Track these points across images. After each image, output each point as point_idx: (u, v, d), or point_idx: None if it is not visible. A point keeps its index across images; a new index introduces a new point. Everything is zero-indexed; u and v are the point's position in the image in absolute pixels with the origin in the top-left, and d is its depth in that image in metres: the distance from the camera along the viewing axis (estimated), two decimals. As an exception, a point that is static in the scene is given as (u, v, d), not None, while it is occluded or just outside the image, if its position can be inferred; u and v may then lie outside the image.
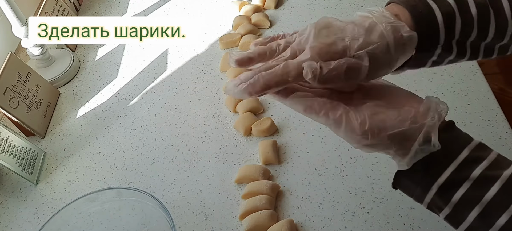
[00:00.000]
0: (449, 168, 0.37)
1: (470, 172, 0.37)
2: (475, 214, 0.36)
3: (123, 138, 0.77)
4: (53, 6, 0.95)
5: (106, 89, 0.87)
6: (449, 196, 0.37)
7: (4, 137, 0.70)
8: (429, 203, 0.39)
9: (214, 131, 0.75)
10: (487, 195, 0.36)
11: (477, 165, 0.37)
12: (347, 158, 0.67)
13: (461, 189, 0.37)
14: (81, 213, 0.59)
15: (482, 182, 0.36)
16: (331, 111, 0.39)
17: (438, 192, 0.38)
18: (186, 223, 0.63)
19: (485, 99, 0.71)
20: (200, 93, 0.83)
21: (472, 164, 0.37)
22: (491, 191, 0.36)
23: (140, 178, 0.70)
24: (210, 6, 1.03)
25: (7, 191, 0.72)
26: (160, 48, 0.94)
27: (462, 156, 0.37)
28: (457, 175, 0.37)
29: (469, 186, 0.36)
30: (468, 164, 0.37)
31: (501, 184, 0.36)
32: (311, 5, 0.97)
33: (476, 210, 0.36)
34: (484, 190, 0.36)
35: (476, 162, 0.37)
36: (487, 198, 0.36)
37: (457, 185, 0.37)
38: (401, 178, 0.41)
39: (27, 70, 0.81)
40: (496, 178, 0.36)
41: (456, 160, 0.37)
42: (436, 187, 0.38)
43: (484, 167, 0.37)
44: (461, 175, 0.37)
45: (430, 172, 0.38)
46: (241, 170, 0.66)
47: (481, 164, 0.37)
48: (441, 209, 0.38)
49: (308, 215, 0.61)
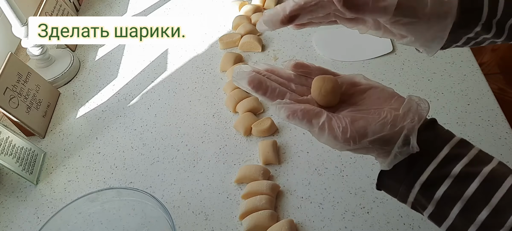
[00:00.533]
0: (430, 166, 0.38)
1: (450, 168, 0.37)
2: (457, 210, 0.37)
3: (123, 138, 0.77)
4: (53, 6, 0.95)
5: (106, 89, 0.88)
6: (432, 193, 0.38)
7: (4, 137, 0.70)
8: (413, 202, 0.40)
9: (214, 131, 0.75)
10: (468, 191, 0.36)
11: (457, 161, 0.37)
12: (347, 158, 0.67)
13: (442, 186, 0.37)
14: (81, 213, 0.59)
15: (463, 178, 0.37)
16: (314, 119, 0.39)
17: (421, 190, 0.38)
18: (186, 223, 0.63)
19: (485, 99, 0.71)
20: (200, 93, 0.83)
21: (452, 161, 0.37)
22: (472, 187, 0.36)
23: (140, 178, 0.70)
24: (210, 6, 1.03)
25: (7, 191, 0.72)
26: (160, 48, 0.95)
27: (443, 153, 0.38)
28: (439, 172, 0.37)
29: (450, 183, 0.37)
30: (449, 161, 0.38)
31: (481, 179, 0.36)
32: (311, 5, 0.97)
33: (458, 206, 0.37)
34: (465, 186, 0.36)
35: (457, 159, 0.37)
36: (468, 194, 0.36)
37: (439, 182, 0.37)
38: (384, 179, 0.41)
39: (27, 70, 0.81)
40: (476, 174, 0.36)
41: (437, 157, 0.38)
42: (418, 185, 0.38)
43: (464, 163, 0.37)
44: (442, 172, 0.37)
45: (412, 170, 0.39)
46: (241, 170, 0.66)
47: (462, 160, 0.37)
48: (425, 207, 0.39)
49: (308, 215, 0.61)
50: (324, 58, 0.84)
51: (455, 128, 0.68)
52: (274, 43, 0.90)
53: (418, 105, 0.39)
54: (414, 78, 0.77)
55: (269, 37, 0.91)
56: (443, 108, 0.71)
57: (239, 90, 0.78)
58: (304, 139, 0.71)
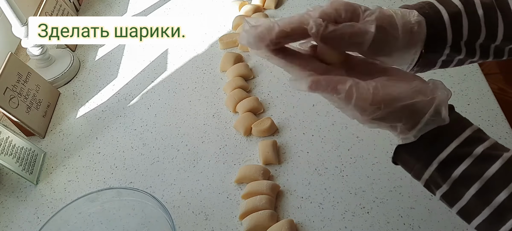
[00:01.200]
0: (452, 144, 0.38)
1: (472, 148, 0.37)
2: (474, 191, 0.37)
3: (123, 138, 0.77)
4: (53, 6, 0.95)
5: (106, 89, 0.87)
6: (450, 172, 0.38)
7: (4, 137, 0.70)
8: (428, 180, 0.39)
9: (214, 131, 0.75)
10: (488, 172, 0.36)
11: (480, 143, 0.37)
12: (347, 158, 0.67)
13: (462, 165, 0.37)
14: (81, 213, 0.59)
15: (484, 159, 0.37)
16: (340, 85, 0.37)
17: (438, 167, 0.38)
18: (186, 223, 0.63)
19: (485, 99, 0.71)
20: (200, 93, 0.83)
21: (474, 142, 0.37)
22: (493, 168, 0.36)
23: (140, 178, 0.70)
24: (210, 6, 1.03)
25: (7, 191, 0.72)
26: (160, 48, 0.95)
27: (466, 134, 0.38)
28: (460, 150, 0.37)
29: (471, 162, 0.37)
30: (471, 141, 0.38)
31: (503, 162, 0.36)
32: (311, 5, 0.97)
33: (475, 186, 0.36)
34: (486, 167, 0.36)
35: (479, 141, 0.38)
36: (488, 175, 0.36)
37: (458, 161, 0.37)
38: (402, 153, 0.41)
39: (27, 70, 0.81)
40: (498, 157, 0.36)
41: (460, 136, 0.38)
42: (437, 163, 0.38)
43: (486, 146, 0.37)
44: (463, 151, 0.37)
45: (433, 147, 0.38)
46: (241, 170, 0.66)
47: (484, 143, 0.37)
48: (439, 186, 0.39)
49: (308, 215, 0.61)
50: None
51: (455, 128, 0.68)
52: (274, 43, 0.90)
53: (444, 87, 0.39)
54: (414, 78, 0.77)
55: (269, 37, 0.91)
56: (443, 108, 0.71)
57: (239, 91, 0.78)
58: (304, 139, 0.71)
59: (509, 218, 0.35)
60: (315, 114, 0.74)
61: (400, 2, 0.92)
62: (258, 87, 0.81)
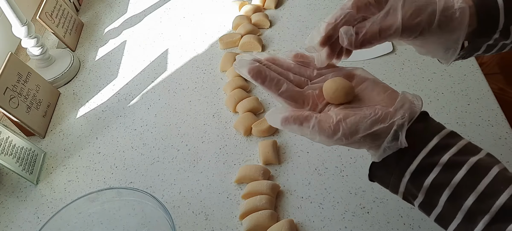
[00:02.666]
0: (419, 155, 0.39)
1: (439, 157, 0.38)
2: (445, 197, 0.38)
3: (123, 138, 0.77)
4: (53, 6, 0.95)
5: (106, 89, 0.88)
6: (421, 181, 0.39)
7: (4, 137, 0.70)
8: (404, 193, 0.41)
9: (214, 131, 0.75)
10: (455, 178, 0.37)
11: (446, 151, 0.38)
12: (347, 158, 0.67)
13: (431, 174, 0.38)
14: (81, 213, 0.59)
15: (451, 167, 0.38)
16: (305, 122, 0.41)
17: (411, 178, 0.39)
18: (186, 223, 0.63)
19: (485, 99, 0.71)
20: (200, 93, 0.83)
21: (441, 151, 0.39)
22: (459, 175, 0.37)
23: (140, 178, 0.70)
24: (210, 6, 1.03)
25: (7, 191, 0.72)
26: (160, 48, 0.95)
27: (432, 143, 0.39)
28: (427, 160, 0.39)
29: (439, 171, 0.38)
30: (438, 150, 0.39)
31: (468, 167, 0.37)
32: (311, 5, 0.97)
33: (445, 193, 0.38)
34: (452, 174, 0.37)
35: (445, 149, 0.39)
36: (456, 181, 0.37)
37: (428, 170, 0.39)
38: (375, 170, 0.43)
39: (27, 70, 0.81)
40: (463, 163, 0.38)
41: (426, 147, 0.39)
42: (408, 174, 0.39)
43: (452, 153, 0.38)
44: (431, 161, 0.39)
45: (402, 160, 0.40)
46: (241, 170, 0.66)
47: (450, 150, 0.38)
48: (415, 196, 0.40)
49: (308, 215, 0.61)
50: (324, 58, 0.84)
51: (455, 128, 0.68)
52: (274, 43, 0.90)
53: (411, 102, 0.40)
54: (414, 78, 0.77)
55: (269, 38, 0.91)
56: (443, 108, 0.71)
57: (239, 90, 0.78)
58: (304, 139, 0.70)
59: (479, 221, 0.36)
60: (315, 115, 0.74)
61: None
62: (258, 87, 0.81)
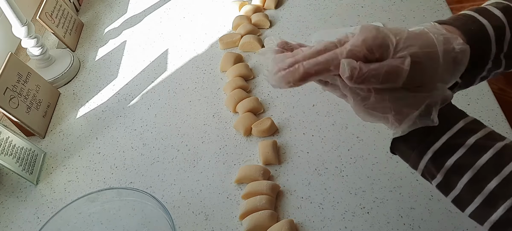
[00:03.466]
0: (445, 135, 0.38)
1: (465, 139, 0.38)
2: (466, 179, 0.37)
3: (123, 138, 0.77)
4: (53, 6, 0.95)
5: (106, 89, 0.88)
6: (443, 161, 0.38)
7: (4, 137, 0.70)
8: (423, 170, 0.40)
9: (214, 131, 0.75)
10: (480, 161, 0.37)
11: (472, 134, 0.38)
12: (347, 158, 0.67)
13: (455, 155, 0.38)
14: (81, 213, 0.59)
15: (476, 149, 0.37)
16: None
17: (432, 157, 0.39)
18: (186, 223, 0.63)
19: (485, 99, 0.71)
20: (200, 93, 0.83)
21: (467, 133, 0.38)
22: (484, 158, 0.37)
23: (140, 178, 0.70)
24: (210, 6, 1.03)
25: (7, 191, 0.72)
26: (160, 48, 0.95)
27: (459, 126, 0.39)
28: (453, 141, 0.38)
29: (463, 153, 0.38)
30: (464, 133, 0.38)
31: (494, 151, 0.37)
32: (311, 5, 0.97)
33: (467, 175, 0.37)
34: (477, 157, 0.37)
35: (472, 132, 0.38)
36: (480, 164, 0.37)
37: (451, 151, 0.38)
38: (397, 143, 0.42)
39: (27, 70, 0.81)
40: (489, 147, 0.37)
41: (453, 128, 0.38)
42: (431, 152, 0.39)
43: (478, 137, 0.38)
44: (456, 142, 0.38)
45: (427, 137, 0.39)
46: (241, 170, 0.66)
47: (476, 134, 0.38)
48: (434, 176, 0.39)
49: (308, 215, 0.61)
50: (324, 58, 0.84)
51: (455, 128, 0.68)
52: (274, 43, 0.90)
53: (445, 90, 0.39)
54: (414, 78, 0.77)
55: (269, 37, 0.91)
56: (443, 108, 0.71)
57: (239, 91, 0.78)
58: (304, 139, 0.71)
59: (500, 205, 0.36)
60: (315, 115, 0.74)
61: (399, 2, 0.92)
62: (258, 87, 0.81)
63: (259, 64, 0.86)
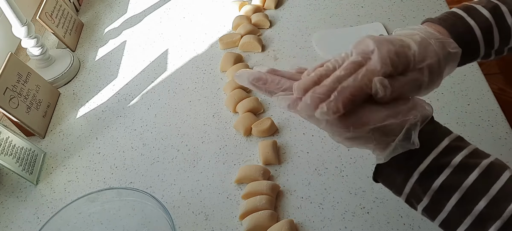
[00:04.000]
0: (430, 155, 0.38)
1: (451, 158, 0.37)
2: (454, 201, 0.37)
3: (123, 138, 0.77)
4: (53, 6, 0.95)
5: (106, 89, 0.88)
6: (429, 183, 0.38)
7: (4, 137, 0.70)
8: (408, 194, 0.40)
9: (214, 131, 0.75)
10: (467, 181, 0.36)
11: (457, 152, 0.38)
12: (347, 158, 0.67)
13: (441, 175, 0.37)
14: (81, 213, 0.59)
15: (462, 168, 0.37)
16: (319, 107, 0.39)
17: (418, 179, 0.38)
18: (186, 223, 0.63)
19: (485, 99, 0.71)
20: (200, 93, 0.83)
21: (452, 152, 0.38)
22: (471, 177, 0.36)
23: (140, 178, 0.70)
24: (210, 6, 1.03)
25: (7, 191, 0.72)
26: (160, 48, 0.95)
27: (443, 144, 0.38)
28: (438, 161, 0.38)
29: (450, 173, 0.37)
30: (449, 151, 0.38)
31: (481, 170, 0.36)
32: (311, 5, 0.97)
33: (455, 196, 0.37)
34: (464, 176, 0.37)
35: (457, 150, 0.38)
36: (467, 184, 0.36)
37: (438, 172, 0.38)
38: (383, 168, 0.41)
39: (27, 70, 0.81)
40: (476, 165, 0.37)
41: (437, 148, 0.38)
42: (417, 174, 0.38)
43: (464, 155, 0.37)
44: (442, 162, 0.38)
45: (412, 159, 0.39)
46: (241, 170, 0.66)
47: (462, 152, 0.38)
48: (420, 199, 0.39)
49: (308, 215, 0.61)
50: (324, 58, 0.84)
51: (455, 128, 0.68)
52: (274, 43, 0.90)
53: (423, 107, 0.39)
54: (414, 78, 0.77)
55: (269, 38, 0.91)
56: (443, 108, 0.71)
57: (239, 91, 0.78)
58: (304, 139, 0.71)
59: (490, 226, 0.35)
60: (315, 115, 0.74)
61: (399, 2, 0.92)
62: (258, 87, 0.81)
63: (259, 64, 0.86)
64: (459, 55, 0.41)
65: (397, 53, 0.38)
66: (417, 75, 0.38)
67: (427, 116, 0.39)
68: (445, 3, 0.91)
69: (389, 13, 0.91)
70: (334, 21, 0.92)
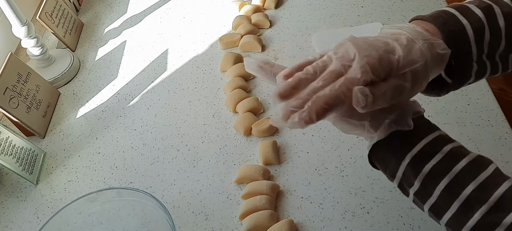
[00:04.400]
0: (422, 141, 0.39)
1: (441, 146, 0.39)
2: (443, 185, 0.38)
3: (123, 138, 0.77)
4: (53, 6, 0.95)
5: (106, 89, 0.88)
6: (420, 167, 0.39)
7: (4, 137, 0.70)
8: (401, 178, 0.41)
9: (214, 131, 0.75)
10: (456, 167, 0.37)
11: (448, 143, 0.39)
12: (347, 158, 0.67)
13: (432, 160, 0.38)
14: (81, 213, 0.59)
15: (453, 156, 0.38)
16: None
17: (410, 162, 0.39)
18: (186, 223, 0.63)
19: (485, 99, 0.71)
20: (200, 93, 0.83)
21: (443, 142, 0.39)
22: (461, 164, 0.37)
23: (140, 178, 0.70)
24: (210, 6, 1.03)
25: (7, 191, 0.72)
26: (160, 48, 0.95)
27: (435, 134, 0.40)
28: (429, 148, 0.39)
29: (441, 158, 0.38)
30: (440, 141, 0.39)
31: (470, 159, 0.38)
32: (311, 5, 0.97)
33: (444, 181, 0.38)
34: (454, 163, 0.38)
35: (447, 141, 0.39)
36: (456, 169, 0.37)
37: (429, 157, 0.39)
38: (377, 149, 0.42)
39: (27, 70, 0.81)
40: (465, 154, 0.38)
41: (429, 136, 0.40)
42: (409, 157, 0.39)
43: (454, 145, 0.39)
44: (433, 148, 0.39)
45: (405, 144, 0.40)
46: (241, 170, 0.66)
47: (452, 143, 0.39)
48: (412, 184, 0.40)
49: (308, 215, 0.61)
50: (324, 58, 0.84)
51: (455, 128, 0.68)
52: (274, 43, 0.90)
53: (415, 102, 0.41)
54: (414, 78, 0.77)
55: (269, 37, 0.91)
56: (443, 108, 0.71)
57: (239, 91, 0.78)
58: (304, 139, 0.71)
59: (476, 210, 0.36)
60: (315, 115, 0.74)
61: (399, 2, 0.92)
62: (258, 87, 0.81)
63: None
64: (447, 56, 0.40)
65: (380, 59, 0.37)
66: (399, 81, 0.37)
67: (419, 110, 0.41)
68: (445, 3, 0.91)
69: (389, 13, 0.91)
70: (334, 21, 0.92)
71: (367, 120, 0.40)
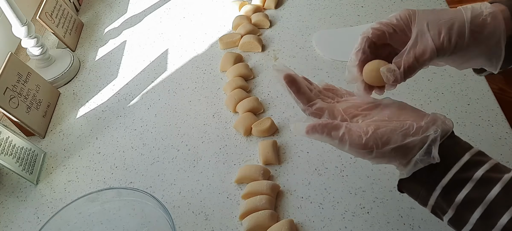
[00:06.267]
0: (452, 169, 0.38)
1: (472, 173, 0.38)
2: (478, 215, 0.37)
3: (123, 138, 0.77)
4: (53, 6, 0.95)
5: (106, 89, 0.87)
6: (452, 197, 0.38)
7: (4, 137, 0.70)
8: (433, 206, 0.40)
9: (214, 131, 0.75)
10: (490, 195, 0.37)
11: (479, 167, 0.38)
12: (347, 158, 0.67)
13: (464, 189, 0.38)
14: (81, 213, 0.59)
15: (484, 183, 0.37)
16: (333, 131, 0.40)
17: (441, 193, 0.39)
18: (186, 223, 0.63)
19: (485, 99, 0.71)
20: (200, 93, 0.83)
21: (474, 166, 0.38)
22: (493, 191, 0.37)
23: (140, 178, 0.70)
24: (210, 6, 1.03)
25: (7, 191, 0.72)
26: (160, 48, 0.95)
27: (464, 159, 0.39)
28: (460, 175, 0.38)
29: (472, 187, 0.37)
30: (470, 166, 0.38)
31: (503, 185, 0.37)
32: (311, 5, 0.97)
33: (478, 210, 0.37)
34: (487, 190, 0.37)
35: (478, 165, 0.38)
36: (490, 198, 0.37)
37: (460, 186, 0.38)
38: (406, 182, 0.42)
39: (27, 70, 0.81)
40: (497, 179, 0.37)
41: (459, 162, 0.39)
42: (440, 188, 0.39)
43: (485, 169, 0.38)
44: (464, 176, 0.38)
45: (434, 173, 0.39)
46: (241, 170, 0.66)
47: (483, 166, 0.38)
48: (445, 211, 0.39)
49: (308, 215, 0.61)
50: (324, 58, 0.84)
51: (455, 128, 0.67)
52: (274, 43, 0.90)
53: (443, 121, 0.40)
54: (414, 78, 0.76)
55: (269, 38, 0.91)
56: (443, 109, 0.71)
57: (239, 91, 0.78)
58: (304, 139, 0.71)
59: None
60: (315, 115, 0.74)
61: (399, 2, 0.92)
62: (258, 87, 0.81)
63: (259, 64, 0.86)
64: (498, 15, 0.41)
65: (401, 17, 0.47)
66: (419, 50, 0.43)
67: (448, 130, 0.40)
68: (445, 3, 0.91)
69: (389, 13, 0.91)
70: (334, 21, 0.92)
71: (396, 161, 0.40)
